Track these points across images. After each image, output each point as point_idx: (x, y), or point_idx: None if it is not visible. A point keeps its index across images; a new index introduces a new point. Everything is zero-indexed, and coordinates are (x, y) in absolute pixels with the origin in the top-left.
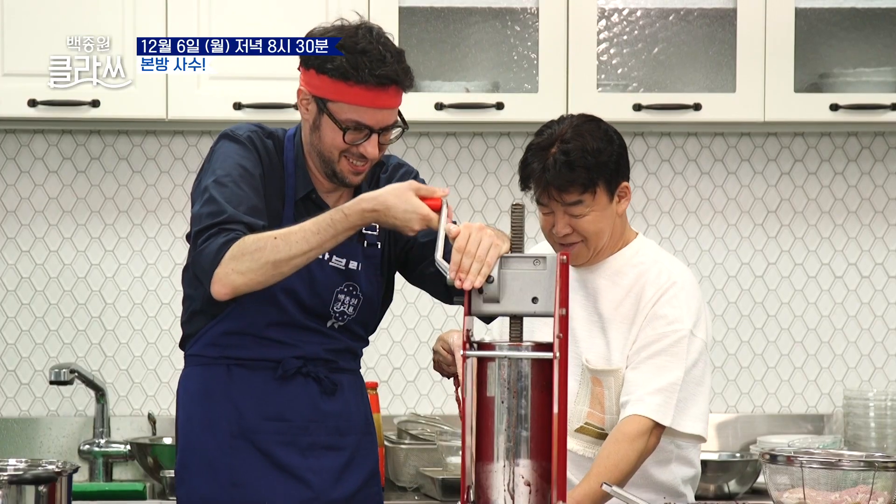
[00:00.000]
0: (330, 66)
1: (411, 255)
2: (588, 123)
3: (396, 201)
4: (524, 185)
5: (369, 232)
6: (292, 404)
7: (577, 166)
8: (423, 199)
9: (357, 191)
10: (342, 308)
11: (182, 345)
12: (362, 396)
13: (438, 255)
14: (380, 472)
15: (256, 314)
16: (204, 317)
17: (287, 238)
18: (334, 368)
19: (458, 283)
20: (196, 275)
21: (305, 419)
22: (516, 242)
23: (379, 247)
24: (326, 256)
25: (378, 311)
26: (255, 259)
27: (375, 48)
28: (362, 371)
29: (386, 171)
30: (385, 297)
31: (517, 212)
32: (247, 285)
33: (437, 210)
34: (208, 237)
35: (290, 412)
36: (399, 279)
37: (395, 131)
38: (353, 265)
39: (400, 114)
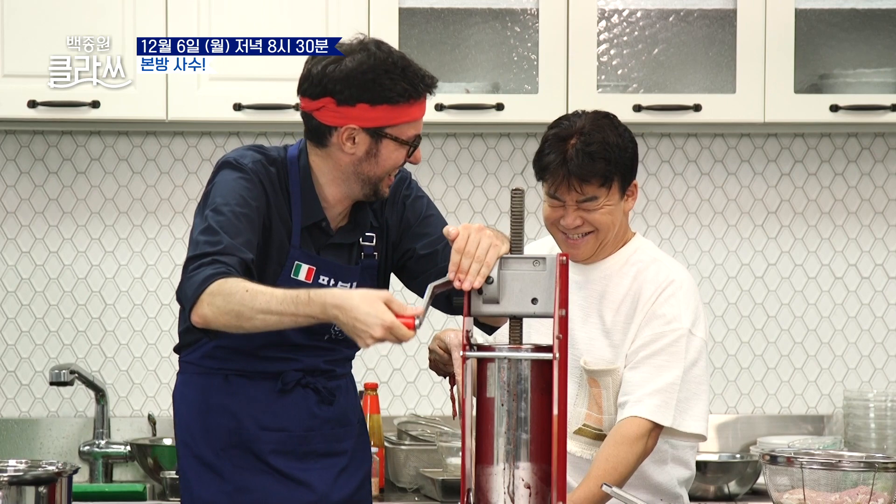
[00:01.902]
0: (391, 94)
1: (408, 265)
2: (605, 119)
3: (362, 304)
4: (540, 177)
5: (366, 243)
6: (291, 414)
7: (597, 157)
8: (394, 312)
9: (359, 210)
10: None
11: (178, 349)
12: (355, 398)
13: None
14: (371, 472)
15: (253, 335)
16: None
17: (254, 294)
18: (332, 377)
19: (457, 284)
20: (178, 299)
21: (304, 428)
22: (516, 229)
23: (376, 258)
24: (332, 283)
25: None
26: (225, 301)
27: (404, 60)
28: (362, 372)
29: None
30: None
31: (517, 197)
32: (216, 322)
33: (410, 327)
34: (200, 265)
35: (288, 422)
36: (396, 281)
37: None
38: (353, 287)
39: None
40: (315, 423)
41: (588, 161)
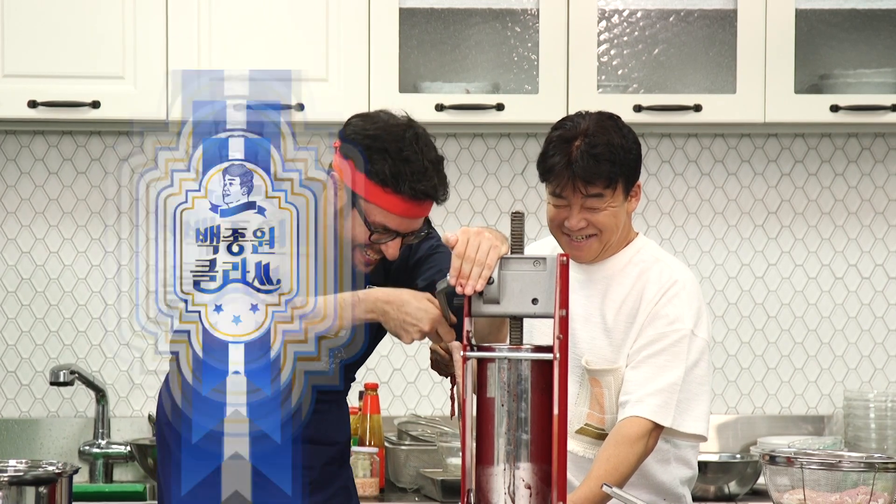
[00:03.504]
0: (370, 169)
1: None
2: (609, 120)
3: (411, 299)
4: (545, 179)
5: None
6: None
7: (602, 159)
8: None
9: None
10: None
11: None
12: (340, 420)
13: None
14: (351, 487)
15: None
16: None
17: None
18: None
19: (459, 289)
20: None
21: None
22: (516, 251)
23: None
24: None
25: (362, 362)
26: None
27: (418, 158)
28: (362, 372)
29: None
30: (370, 348)
31: (517, 220)
32: None
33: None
34: None
35: None
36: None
37: (420, 234)
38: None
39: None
40: None
41: (593, 163)
